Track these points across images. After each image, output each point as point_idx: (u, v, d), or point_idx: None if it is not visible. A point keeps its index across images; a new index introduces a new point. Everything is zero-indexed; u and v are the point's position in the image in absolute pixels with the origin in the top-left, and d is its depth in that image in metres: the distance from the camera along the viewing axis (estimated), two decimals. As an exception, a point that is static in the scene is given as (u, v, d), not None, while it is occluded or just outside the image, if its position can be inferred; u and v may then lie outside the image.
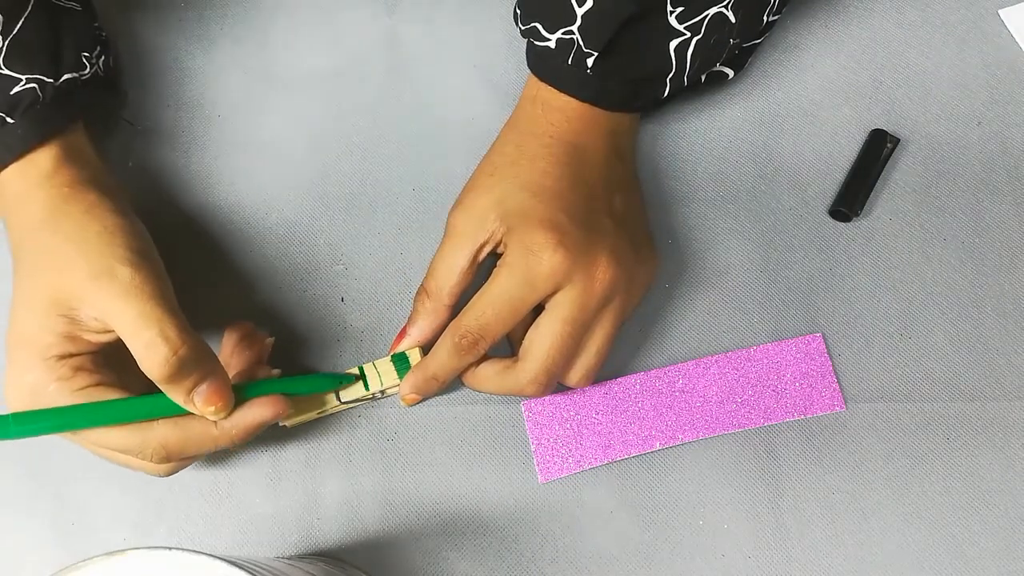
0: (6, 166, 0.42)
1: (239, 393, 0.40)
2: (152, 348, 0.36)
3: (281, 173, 0.50)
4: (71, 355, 0.38)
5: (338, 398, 0.45)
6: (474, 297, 0.42)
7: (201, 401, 0.38)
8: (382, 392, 0.45)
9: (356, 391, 0.45)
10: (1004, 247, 0.49)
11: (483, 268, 0.43)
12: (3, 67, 0.41)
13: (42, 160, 0.42)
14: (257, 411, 0.40)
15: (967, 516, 0.45)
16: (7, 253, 0.42)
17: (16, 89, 0.41)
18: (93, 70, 0.45)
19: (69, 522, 0.45)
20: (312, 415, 0.45)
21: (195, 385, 0.38)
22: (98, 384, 0.38)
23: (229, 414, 0.39)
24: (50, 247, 0.39)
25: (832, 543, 0.45)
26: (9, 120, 0.41)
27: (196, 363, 0.38)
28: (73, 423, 0.37)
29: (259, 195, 0.49)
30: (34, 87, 0.41)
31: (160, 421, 0.39)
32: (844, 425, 0.47)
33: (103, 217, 0.40)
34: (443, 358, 0.43)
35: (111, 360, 0.40)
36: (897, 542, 0.45)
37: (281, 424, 0.45)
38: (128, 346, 0.37)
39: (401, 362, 0.45)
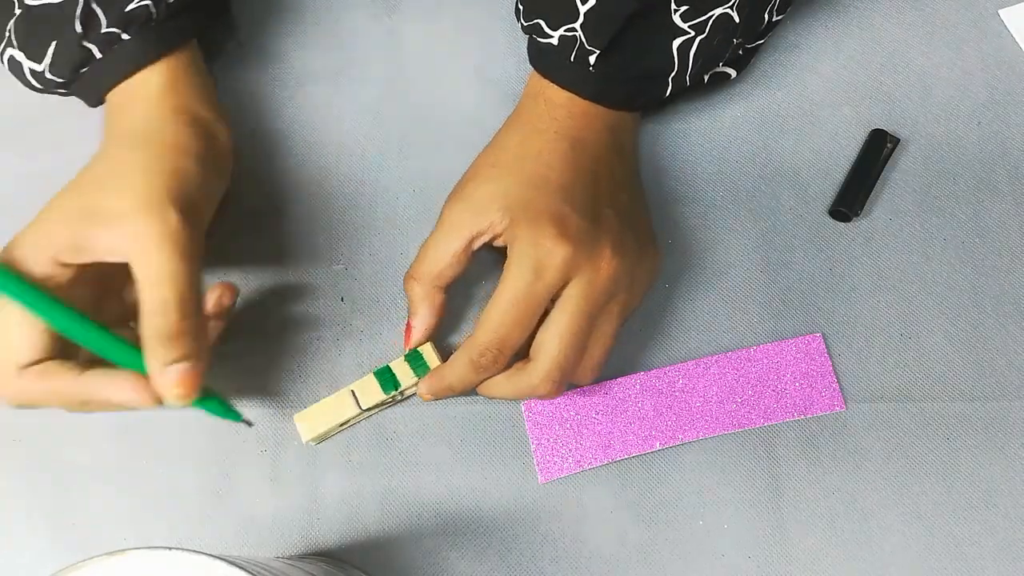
0: (117, 83, 0.42)
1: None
2: (165, 308, 0.36)
3: (281, 173, 0.50)
4: (69, 265, 0.37)
5: (359, 406, 0.44)
6: (484, 309, 0.41)
7: (173, 379, 0.37)
8: (401, 393, 0.45)
9: (375, 396, 0.44)
10: (1004, 247, 0.49)
11: (475, 264, 0.43)
12: None
13: (152, 79, 0.42)
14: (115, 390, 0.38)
15: (967, 516, 0.45)
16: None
17: (131, 7, 0.41)
18: None
19: (69, 522, 0.45)
20: (334, 429, 0.45)
21: (177, 359, 0.37)
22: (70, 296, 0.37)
23: (187, 404, 0.38)
24: (121, 161, 0.39)
25: (832, 543, 0.45)
26: (124, 36, 0.41)
27: (192, 341, 0.37)
28: (36, 307, 0.36)
29: (259, 194, 0.49)
30: (147, 3, 0.41)
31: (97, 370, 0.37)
32: (844, 425, 0.47)
33: (180, 160, 0.39)
34: (462, 372, 0.42)
35: (95, 281, 0.39)
36: (897, 542, 0.45)
37: (306, 442, 0.45)
38: (139, 290, 0.36)
39: (416, 360, 0.44)
